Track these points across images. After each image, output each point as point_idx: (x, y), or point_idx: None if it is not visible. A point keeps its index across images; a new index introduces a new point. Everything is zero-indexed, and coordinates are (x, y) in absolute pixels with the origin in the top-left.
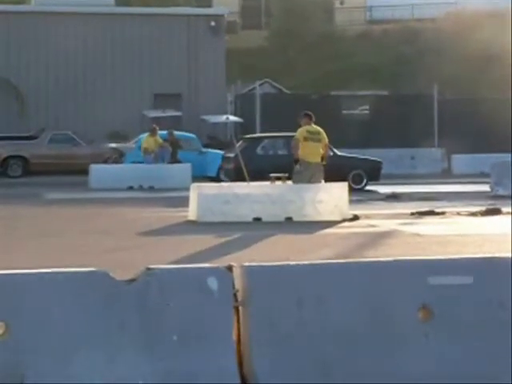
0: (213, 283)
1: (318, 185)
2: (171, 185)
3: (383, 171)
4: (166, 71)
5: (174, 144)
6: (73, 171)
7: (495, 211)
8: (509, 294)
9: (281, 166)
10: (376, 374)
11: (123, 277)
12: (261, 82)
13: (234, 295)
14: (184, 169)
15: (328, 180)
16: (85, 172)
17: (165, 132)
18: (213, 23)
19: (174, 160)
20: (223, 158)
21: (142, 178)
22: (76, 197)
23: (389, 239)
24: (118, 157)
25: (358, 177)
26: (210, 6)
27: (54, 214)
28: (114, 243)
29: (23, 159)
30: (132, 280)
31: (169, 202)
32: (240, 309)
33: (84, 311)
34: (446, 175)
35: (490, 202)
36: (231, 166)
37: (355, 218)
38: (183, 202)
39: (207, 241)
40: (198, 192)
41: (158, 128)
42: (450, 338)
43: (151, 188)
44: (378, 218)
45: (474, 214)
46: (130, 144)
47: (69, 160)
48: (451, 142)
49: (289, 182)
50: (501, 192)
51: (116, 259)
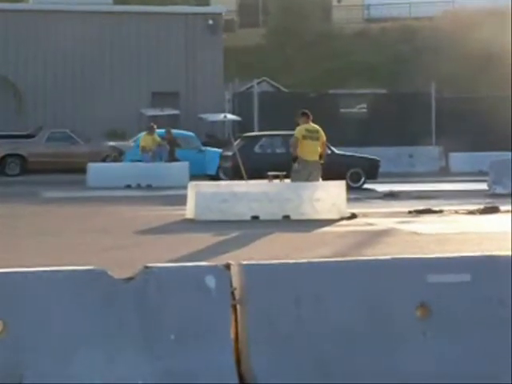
0: (211, 281)
1: (316, 183)
2: (169, 183)
3: (381, 169)
4: (163, 69)
5: (172, 142)
6: (71, 170)
7: (493, 209)
8: (508, 292)
9: (279, 165)
10: (374, 371)
11: (121, 275)
12: (259, 80)
13: (232, 293)
14: (182, 167)
15: (326, 178)
16: (83, 170)
17: (163, 130)
18: (210, 21)
19: (172, 158)
20: (221, 157)
21: (140, 177)
22: (74, 195)
23: (386, 237)
24: (118, 155)
25: (356, 175)
26: (207, 4)
27: (52, 212)
28: (112, 242)
29: (21, 158)
30: (130, 278)
31: (167, 200)
32: (238, 307)
33: (82, 310)
34: (444, 173)
35: (487, 201)
36: (229, 164)
37: (353, 216)
38: (181, 201)
39: (205, 239)
40: (195, 190)
41: (155, 126)
42: (448, 336)
43: (149, 186)
44: (375, 217)
45: (472, 213)
46: (128, 142)
47: (67, 158)
48: (449, 140)
49: (286, 181)
50: (499, 190)
51: (114, 258)
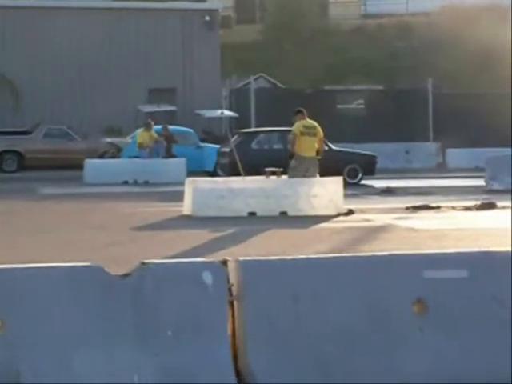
0: (207, 277)
1: (313, 179)
2: (166, 179)
3: (378, 165)
4: (160, 66)
5: (169, 139)
6: (68, 166)
7: (490, 205)
8: (504, 288)
9: (276, 161)
10: (372, 367)
11: (118, 271)
12: (255, 76)
13: (229, 289)
14: (179, 163)
15: (323, 174)
16: (80, 167)
17: (159, 127)
18: (207, 18)
19: (169, 155)
20: (219, 153)
21: (137, 173)
22: (71, 191)
23: (384, 233)
24: (116, 151)
25: (354, 171)
26: (204, 0)
27: (49, 208)
28: (109, 238)
29: (18, 154)
30: (127, 275)
31: (164, 196)
32: (235, 303)
33: (79, 306)
34: (441, 169)
35: (484, 197)
36: (226, 160)
37: (350, 212)
38: (178, 197)
39: (202, 235)
40: (192, 186)
41: (152, 123)
42: (445, 333)
43: (146, 182)
44: (372, 213)
45: (468, 209)
46: (126, 139)
47: (64, 155)
48: (446, 136)
49: (284, 177)
50: (496, 186)
51: (111, 254)
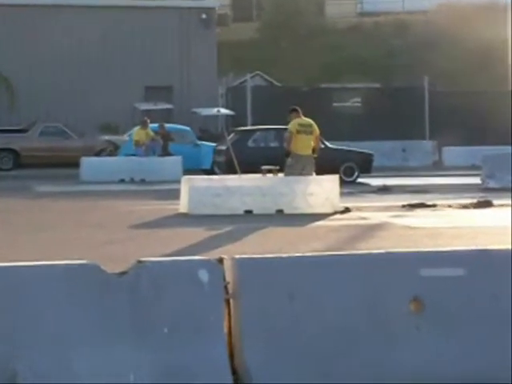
0: (204, 276)
1: (309, 177)
2: (162, 177)
3: (375, 164)
4: (157, 64)
5: (165, 137)
6: (64, 164)
7: (486, 204)
8: (501, 287)
9: (273, 159)
10: (368, 367)
11: (115, 270)
12: (252, 74)
13: (225, 287)
14: (175, 161)
15: (320, 172)
16: (76, 165)
17: (156, 125)
18: (204, 16)
19: (165, 153)
20: (215, 151)
21: (134, 171)
22: (67, 190)
23: (380, 232)
24: (113, 149)
25: (350, 169)
26: None
27: (46, 206)
28: (106, 236)
29: (14, 152)
30: (123, 273)
31: (160, 194)
32: (231, 301)
33: (76, 304)
34: (438, 167)
35: (481, 195)
36: (223, 158)
37: (346, 210)
38: (174, 195)
39: (198, 233)
40: (189, 185)
41: (149, 121)
42: (442, 331)
43: (142, 181)
44: (369, 211)
45: (465, 207)
46: (123, 137)
47: (60, 153)
48: (442, 134)
49: (280, 175)
50: (492, 184)
51: (108, 252)
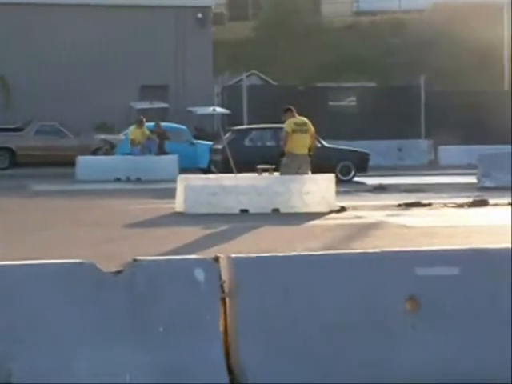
0: (200, 274)
1: (305, 176)
2: (158, 176)
3: (371, 163)
4: (153, 63)
5: (161, 136)
6: (60, 163)
7: (482, 203)
8: (497, 286)
9: (269, 158)
10: (365, 366)
11: (111, 268)
12: (248, 73)
13: (221, 286)
14: (171, 160)
15: (316, 171)
16: (72, 164)
17: (152, 124)
18: (200, 15)
19: (161, 152)
20: (212, 150)
21: (129, 170)
22: (63, 189)
23: (376, 231)
24: (110, 148)
25: (346, 168)
26: None
27: (41, 206)
28: (102, 235)
29: (10, 151)
30: (119, 271)
31: (156, 193)
32: (227, 300)
33: (71, 303)
34: (433, 167)
35: (476, 194)
36: (219, 157)
37: (342, 209)
38: (170, 194)
39: (194, 232)
40: (185, 184)
41: (144, 120)
42: (437, 329)
43: (138, 180)
44: (365, 210)
45: (460, 206)
46: (119, 136)
47: (56, 152)
48: (438, 133)
49: (276, 174)
50: (487, 183)
51: (104, 251)
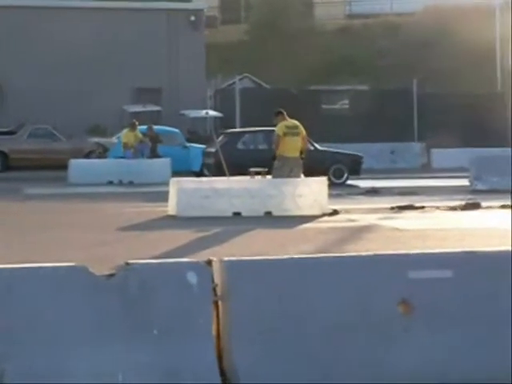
0: (192, 278)
1: (298, 179)
2: (151, 180)
3: (363, 166)
4: (145, 66)
5: (154, 139)
6: (53, 166)
7: (475, 206)
8: (489, 289)
9: (262, 161)
10: (358, 368)
11: (103, 272)
12: (240, 76)
13: (214, 290)
14: (164, 163)
15: (309, 174)
16: (64, 167)
17: (144, 127)
18: (192, 18)
19: (154, 155)
20: (204, 153)
21: (122, 173)
22: (56, 192)
23: (368, 234)
24: (103, 151)
25: (339, 171)
26: (189, 0)
27: (35, 209)
28: (95, 238)
29: (2, 154)
30: (111, 275)
31: (149, 196)
32: (219, 303)
33: (63, 306)
34: (426, 169)
35: (469, 197)
36: (212, 160)
37: (335, 212)
38: (163, 197)
39: (187, 235)
40: (177, 187)
41: (137, 123)
42: (430, 332)
43: (131, 183)
44: (357, 213)
45: (453, 209)
46: (112, 139)
47: (48, 155)
48: (431, 136)
49: (268, 177)
50: (480, 186)
51: (97, 254)
